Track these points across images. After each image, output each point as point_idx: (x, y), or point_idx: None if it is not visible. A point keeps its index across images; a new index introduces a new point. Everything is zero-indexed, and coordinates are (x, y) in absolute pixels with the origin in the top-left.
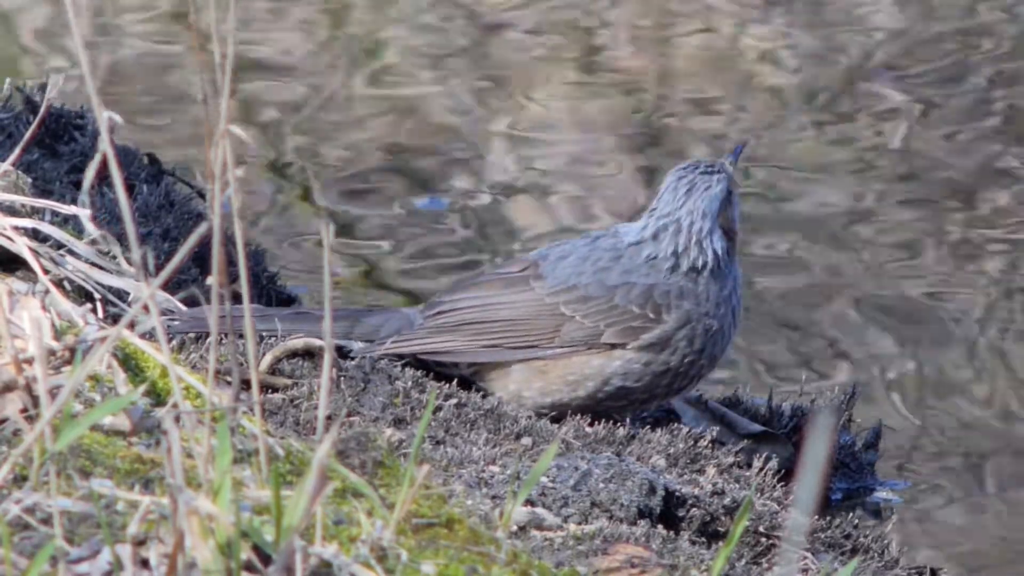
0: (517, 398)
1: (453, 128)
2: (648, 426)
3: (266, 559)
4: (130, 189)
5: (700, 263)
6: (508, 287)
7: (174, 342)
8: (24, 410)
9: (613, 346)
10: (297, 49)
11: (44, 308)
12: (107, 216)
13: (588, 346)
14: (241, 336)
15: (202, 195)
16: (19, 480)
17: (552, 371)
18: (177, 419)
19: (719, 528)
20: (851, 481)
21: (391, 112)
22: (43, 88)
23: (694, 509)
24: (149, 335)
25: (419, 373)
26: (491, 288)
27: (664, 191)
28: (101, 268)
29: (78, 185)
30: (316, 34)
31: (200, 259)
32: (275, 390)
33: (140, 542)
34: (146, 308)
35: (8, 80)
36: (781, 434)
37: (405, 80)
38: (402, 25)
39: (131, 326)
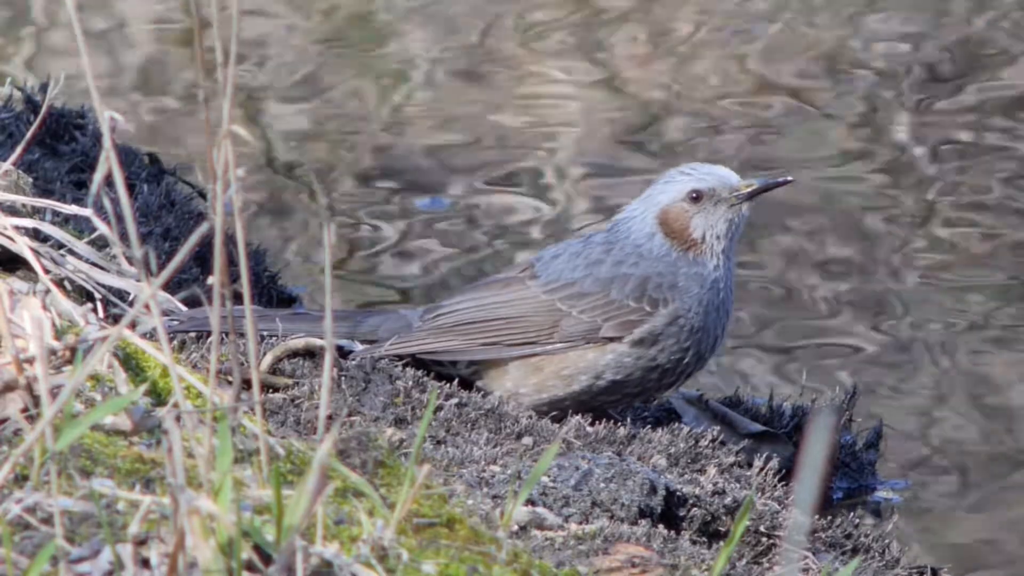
0: (514, 395)
1: (455, 128)
2: (649, 426)
3: (267, 559)
4: (131, 189)
5: (628, 250)
6: (505, 288)
7: (175, 342)
8: (25, 410)
9: (609, 340)
10: (296, 47)
11: (45, 308)
12: (108, 216)
13: (587, 340)
14: (242, 336)
15: (203, 195)
16: (20, 480)
17: (547, 367)
18: (178, 419)
19: (720, 528)
20: (852, 481)
21: (393, 111)
22: (44, 88)
23: (695, 509)
24: (150, 335)
25: (420, 373)
26: (489, 290)
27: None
28: (102, 268)
29: (79, 185)
30: (315, 32)
31: (201, 259)
32: (276, 390)
33: (141, 542)
34: (147, 308)
35: (9, 80)
36: (782, 434)
37: (407, 80)
38: (404, 24)
39: (132, 326)
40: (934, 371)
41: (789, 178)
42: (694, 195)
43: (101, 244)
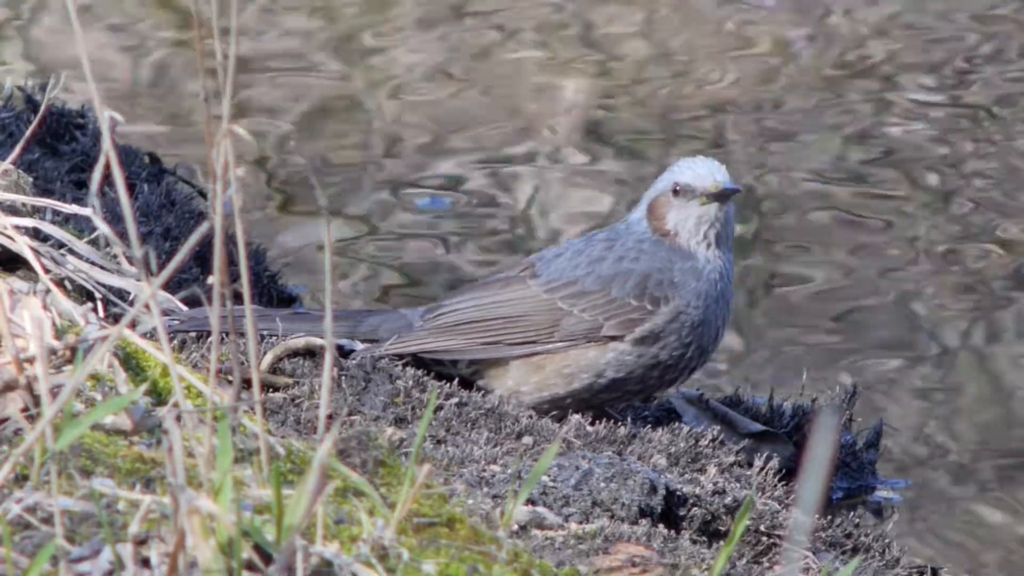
0: (515, 394)
1: (456, 127)
2: (649, 425)
3: (267, 558)
4: (131, 188)
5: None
6: (505, 287)
7: (175, 341)
8: (25, 409)
9: (611, 338)
10: (297, 46)
11: (45, 307)
12: (108, 215)
13: (588, 339)
14: (242, 335)
15: (203, 194)
16: (20, 479)
17: (548, 365)
18: (178, 418)
19: (720, 527)
20: (852, 480)
21: (392, 111)
22: (44, 87)
23: (695, 508)
24: (150, 334)
25: (420, 372)
26: (489, 289)
27: None
28: (102, 267)
29: (79, 184)
30: (316, 31)
31: (201, 258)
32: (276, 389)
33: (141, 541)
34: (147, 307)
35: (9, 79)
36: (782, 433)
37: (407, 79)
38: (404, 24)
39: (132, 325)
40: (934, 370)
41: (738, 188)
42: (676, 188)
43: (102, 243)
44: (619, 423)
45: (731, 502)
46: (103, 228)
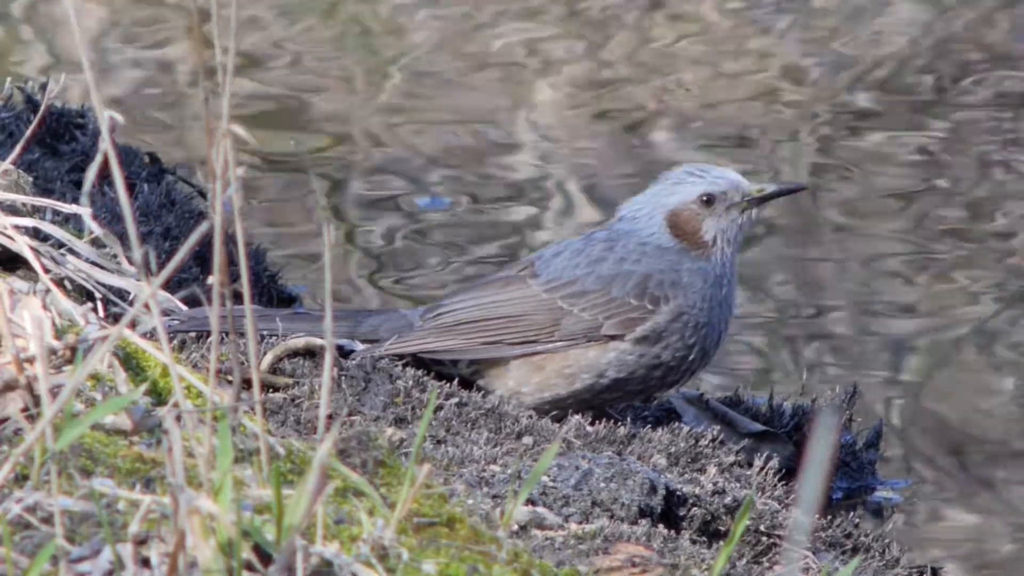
0: (516, 395)
1: (456, 127)
2: (649, 425)
3: (267, 558)
4: (131, 188)
5: (631, 247)
6: (505, 287)
7: (175, 341)
8: (25, 409)
9: (611, 338)
10: (297, 45)
11: (45, 307)
12: (108, 215)
13: (588, 339)
14: (242, 335)
15: (203, 194)
16: (20, 479)
17: (549, 365)
18: (178, 418)
19: (720, 527)
20: (852, 480)
21: (393, 111)
22: (44, 87)
23: (695, 508)
24: (150, 334)
25: (420, 372)
26: (489, 289)
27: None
28: (102, 267)
29: (79, 184)
30: (317, 30)
31: (201, 258)
32: (276, 389)
33: (141, 541)
34: (147, 307)
35: (9, 79)
36: (782, 433)
37: (408, 79)
38: (405, 24)
39: (132, 325)
40: (935, 370)
41: (803, 184)
42: (705, 198)
43: (101, 243)
44: (619, 423)
45: (731, 502)
46: (93, 226)
